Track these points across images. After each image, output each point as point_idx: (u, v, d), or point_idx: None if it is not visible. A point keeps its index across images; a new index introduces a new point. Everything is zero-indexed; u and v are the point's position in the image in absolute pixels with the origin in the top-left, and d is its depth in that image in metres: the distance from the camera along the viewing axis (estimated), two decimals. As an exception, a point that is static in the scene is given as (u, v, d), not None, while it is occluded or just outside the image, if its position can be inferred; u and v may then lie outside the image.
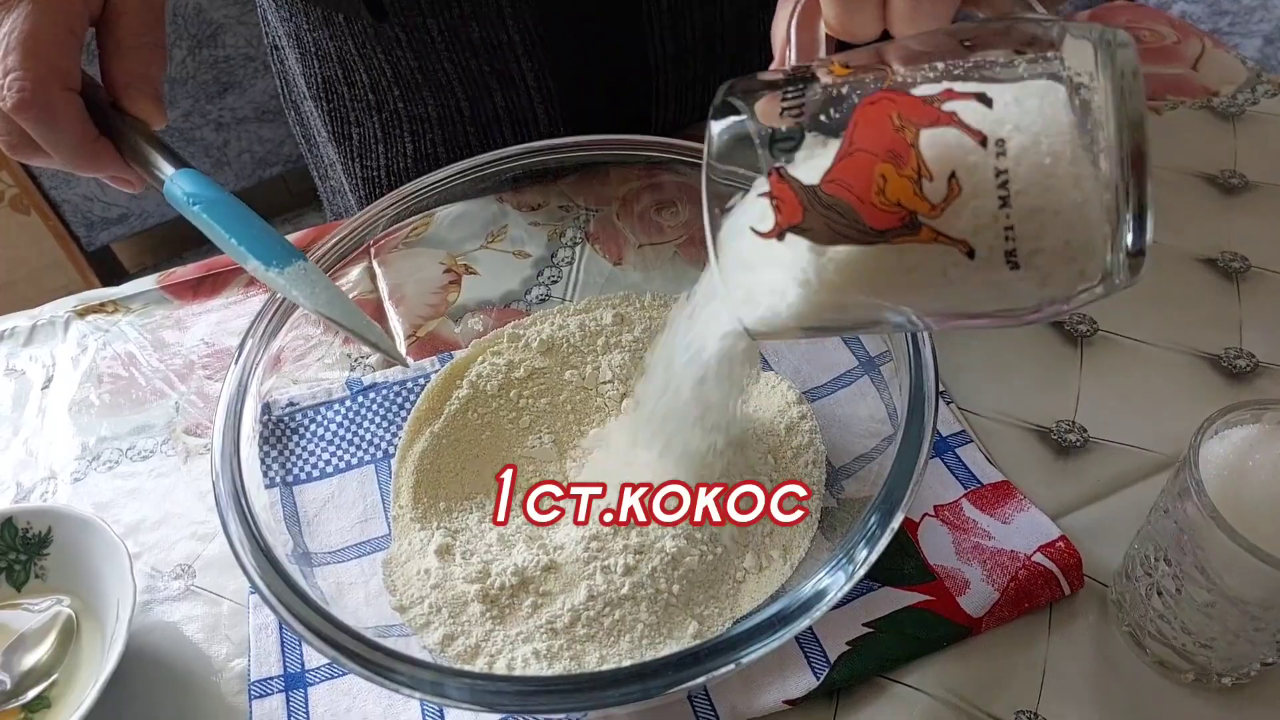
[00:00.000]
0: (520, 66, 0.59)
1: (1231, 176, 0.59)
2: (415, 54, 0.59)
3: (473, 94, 0.61)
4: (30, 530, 0.44)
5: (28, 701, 0.40)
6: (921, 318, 0.27)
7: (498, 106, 0.61)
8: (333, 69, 0.62)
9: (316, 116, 0.67)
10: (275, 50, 0.69)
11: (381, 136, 0.64)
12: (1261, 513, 0.32)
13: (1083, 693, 0.38)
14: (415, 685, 0.29)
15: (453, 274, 0.56)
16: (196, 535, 0.47)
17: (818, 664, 0.39)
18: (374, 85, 0.62)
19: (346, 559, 0.42)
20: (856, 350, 0.48)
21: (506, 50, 0.58)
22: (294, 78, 0.68)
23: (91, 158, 0.40)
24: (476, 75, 0.59)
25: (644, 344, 0.50)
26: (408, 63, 0.59)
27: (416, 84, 0.60)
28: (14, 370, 0.57)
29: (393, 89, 0.61)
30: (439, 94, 0.61)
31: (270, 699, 0.40)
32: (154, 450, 0.52)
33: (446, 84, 0.60)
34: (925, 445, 0.33)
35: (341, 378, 0.51)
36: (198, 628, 0.44)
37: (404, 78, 0.60)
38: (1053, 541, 0.41)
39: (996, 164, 0.23)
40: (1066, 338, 0.51)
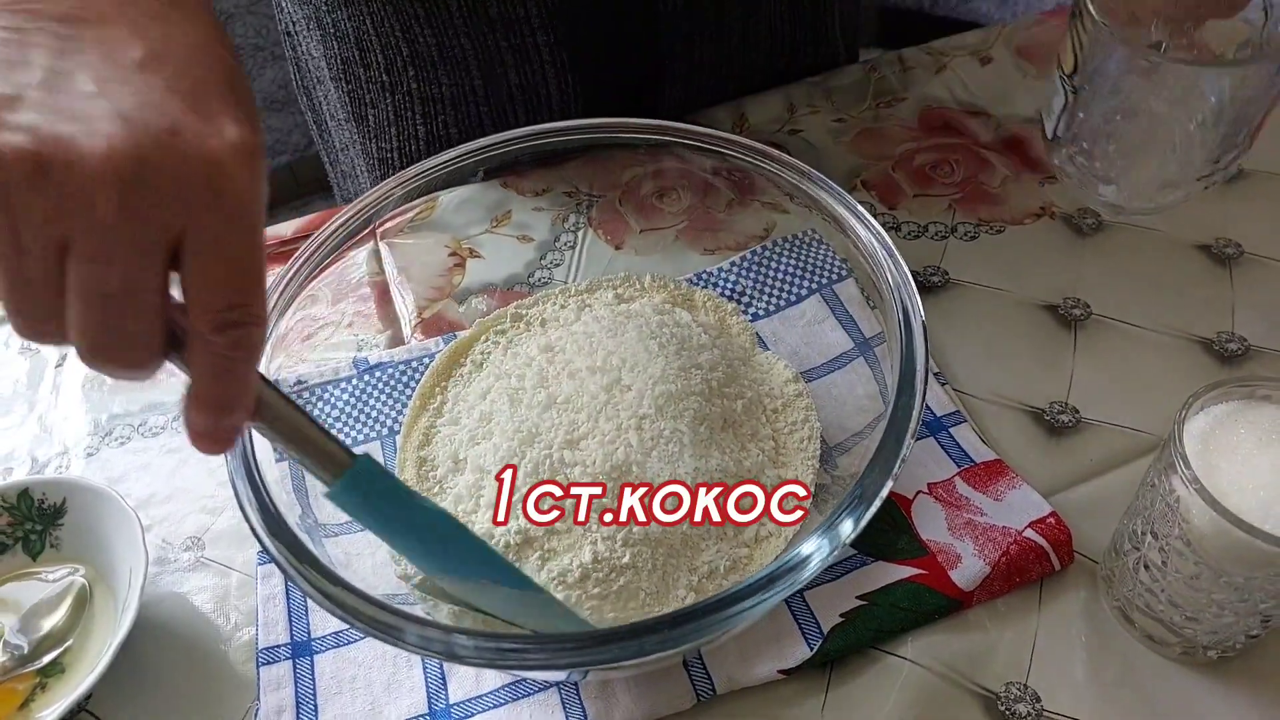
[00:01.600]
0: (536, 40, 0.60)
1: (1228, 165, 0.59)
2: (433, 30, 0.60)
3: (487, 71, 0.62)
4: (46, 501, 0.45)
5: (43, 666, 0.42)
6: None
7: (512, 85, 0.62)
8: (350, 49, 0.64)
9: (336, 97, 0.68)
10: (289, 36, 0.70)
11: (394, 119, 0.65)
12: (1244, 486, 0.33)
13: (1072, 666, 0.39)
14: (425, 644, 0.30)
15: (457, 257, 0.57)
16: (206, 509, 0.49)
17: (811, 635, 0.40)
18: (389, 66, 0.63)
19: (354, 530, 0.43)
20: (852, 332, 0.49)
21: (524, 24, 0.59)
22: (307, 62, 0.69)
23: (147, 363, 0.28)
24: (493, 51, 0.60)
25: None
26: (425, 40, 0.60)
27: (432, 61, 0.62)
28: (29, 348, 0.58)
29: (408, 69, 0.62)
30: (454, 72, 0.62)
31: (277, 666, 0.41)
32: (165, 426, 0.53)
33: (462, 60, 0.61)
34: (913, 420, 0.34)
35: (348, 357, 0.52)
36: (207, 598, 0.45)
37: (420, 55, 0.61)
38: (1043, 518, 0.42)
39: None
40: (1061, 321, 0.52)
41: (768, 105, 0.67)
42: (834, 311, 0.50)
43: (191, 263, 0.26)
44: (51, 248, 0.25)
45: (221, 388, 0.28)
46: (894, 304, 0.39)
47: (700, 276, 0.54)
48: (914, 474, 0.45)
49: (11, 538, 0.45)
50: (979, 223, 0.58)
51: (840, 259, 0.51)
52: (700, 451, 0.41)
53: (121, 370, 0.27)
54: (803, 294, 0.51)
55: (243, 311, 0.27)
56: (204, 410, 0.28)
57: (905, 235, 0.57)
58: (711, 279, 0.53)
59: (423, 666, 0.41)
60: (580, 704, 0.39)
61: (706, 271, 0.54)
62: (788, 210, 0.48)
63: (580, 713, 0.39)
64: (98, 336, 0.26)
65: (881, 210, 0.59)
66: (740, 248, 0.54)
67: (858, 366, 0.46)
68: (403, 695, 0.40)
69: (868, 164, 0.62)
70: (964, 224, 0.58)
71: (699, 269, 0.54)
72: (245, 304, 0.27)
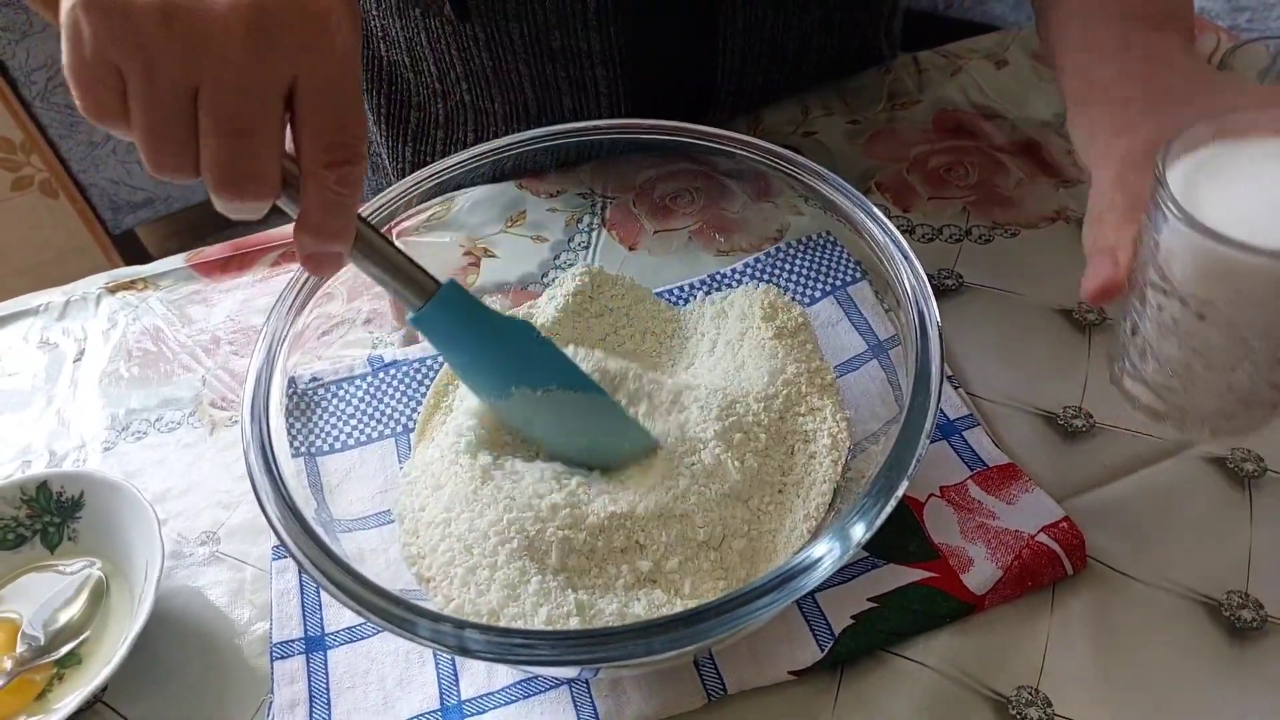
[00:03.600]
0: (594, 74, 0.60)
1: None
2: (491, 55, 0.60)
3: (542, 96, 0.62)
4: (64, 494, 0.45)
5: (60, 657, 0.42)
6: None
7: (565, 108, 0.62)
8: (399, 54, 0.64)
9: (368, 99, 0.68)
10: None
11: (443, 121, 0.66)
12: (1226, 218, 0.31)
13: (1084, 671, 0.39)
14: (437, 638, 0.30)
15: (472, 256, 0.57)
16: (221, 504, 0.49)
17: (822, 636, 0.40)
18: (442, 76, 0.63)
19: (367, 527, 0.43)
20: (866, 335, 0.49)
21: (584, 58, 0.59)
22: None
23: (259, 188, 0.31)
24: (550, 79, 0.60)
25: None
26: (481, 61, 0.60)
27: (486, 81, 0.61)
28: (47, 343, 0.59)
29: (461, 83, 0.62)
30: (508, 92, 0.62)
31: (291, 660, 0.42)
32: (181, 422, 0.53)
33: (518, 84, 0.61)
34: (928, 423, 0.34)
35: (363, 355, 0.52)
36: (222, 592, 0.45)
37: (474, 74, 0.61)
38: (1056, 522, 0.42)
39: None
40: (1075, 325, 0.52)
41: (782, 107, 0.67)
42: (848, 314, 0.50)
43: (304, 106, 0.30)
44: (185, 93, 0.28)
45: (328, 218, 0.32)
46: (910, 307, 0.39)
47: (713, 278, 0.54)
48: (926, 477, 0.45)
49: (30, 530, 0.46)
50: (993, 226, 0.58)
51: (855, 261, 0.51)
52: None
53: (245, 201, 0.31)
54: (817, 296, 0.51)
55: (348, 150, 0.31)
56: (313, 235, 0.32)
57: (919, 238, 0.57)
58: (725, 280, 0.53)
59: (435, 662, 0.41)
60: (591, 702, 0.39)
61: (720, 273, 0.54)
62: (802, 212, 0.48)
63: (591, 711, 0.39)
64: (226, 170, 0.30)
65: (896, 213, 0.59)
66: (754, 249, 0.54)
67: (871, 369, 0.46)
68: (415, 691, 0.40)
69: (882, 166, 0.62)
70: (978, 227, 0.58)
71: (713, 270, 0.54)
72: (350, 143, 0.31)
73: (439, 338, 0.39)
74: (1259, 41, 0.50)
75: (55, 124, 1.49)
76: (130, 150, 1.56)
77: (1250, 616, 0.40)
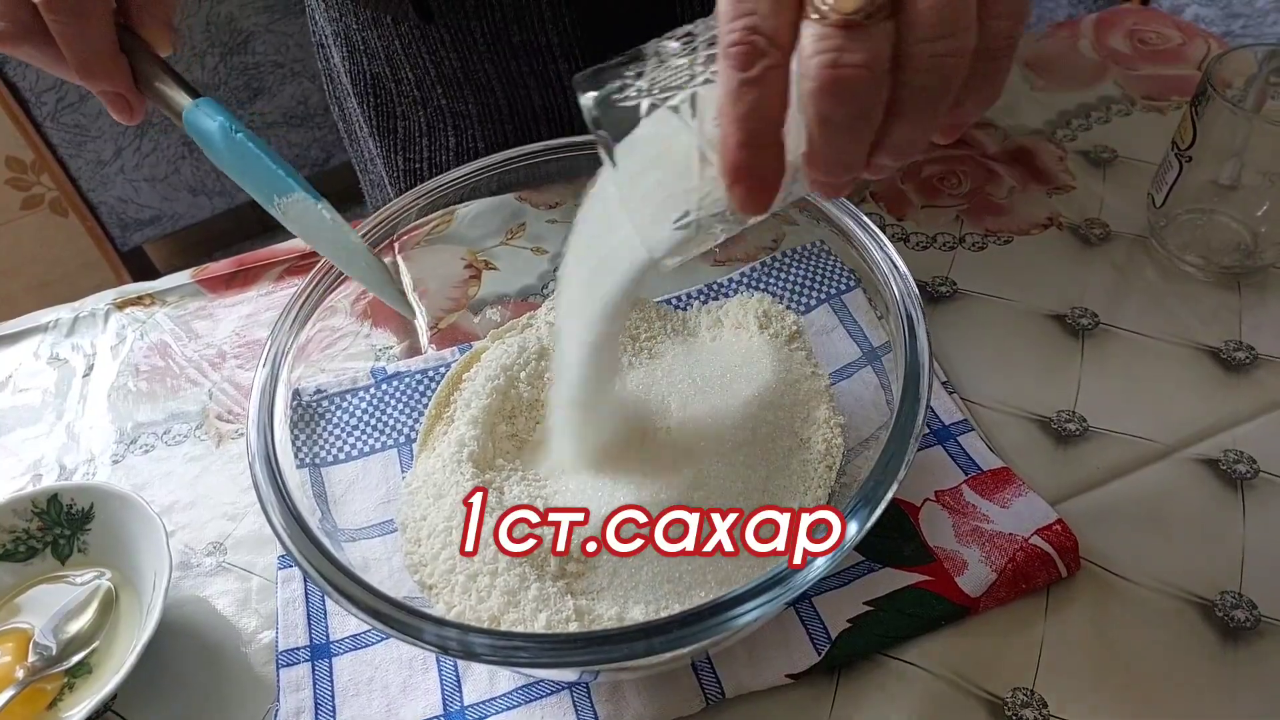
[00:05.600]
0: (558, 68, 0.61)
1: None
2: (459, 55, 0.61)
3: (512, 93, 0.63)
4: (74, 506, 0.46)
5: (70, 667, 0.43)
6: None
7: (535, 105, 0.64)
8: (380, 65, 0.65)
9: (359, 111, 0.70)
10: (321, 48, 0.72)
11: (426, 130, 0.67)
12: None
13: (1079, 673, 0.40)
14: (442, 643, 0.31)
15: (473, 269, 0.58)
16: (228, 515, 0.50)
17: (819, 640, 0.40)
18: (419, 82, 0.64)
19: (371, 536, 0.44)
20: (860, 342, 0.49)
21: (545, 52, 0.61)
22: (339, 74, 0.71)
23: (106, 68, 0.38)
24: (516, 75, 0.62)
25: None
26: (451, 63, 0.62)
27: (459, 82, 0.63)
28: (57, 359, 0.60)
29: (436, 87, 0.64)
30: (480, 93, 0.64)
31: (296, 668, 0.42)
32: (188, 435, 0.54)
33: (487, 83, 0.63)
34: (917, 425, 0.35)
35: (366, 367, 0.53)
36: (228, 602, 0.46)
37: (447, 76, 0.63)
38: (1050, 525, 0.42)
39: None
40: (1068, 330, 0.52)
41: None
42: (843, 321, 0.51)
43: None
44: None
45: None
46: (899, 312, 0.39)
47: (710, 287, 0.54)
48: (922, 482, 0.45)
49: (41, 542, 0.47)
50: (986, 233, 0.58)
51: (848, 270, 0.51)
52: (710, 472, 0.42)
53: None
54: (812, 304, 0.52)
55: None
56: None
57: (913, 246, 0.58)
58: (721, 289, 0.54)
59: (438, 669, 0.42)
60: (591, 706, 0.40)
61: (717, 282, 0.55)
62: (796, 222, 0.49)
63: (592, 715, 0.39)
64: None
65: (890, 221, 0.60)
66: (750, 259, 0.55)
67: (865, 375, 0.47)
68: (418, 697, 0.41)
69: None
70: (971, 234, 0.58)
71: (709, 280, 0.55)
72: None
73: (203, 142, 0.40)
74: (1246, 49, 0.51)
75: (65, 144, 1.51)
76: (139, 168, 1.58)
77: (1244, 616, 0.40)
